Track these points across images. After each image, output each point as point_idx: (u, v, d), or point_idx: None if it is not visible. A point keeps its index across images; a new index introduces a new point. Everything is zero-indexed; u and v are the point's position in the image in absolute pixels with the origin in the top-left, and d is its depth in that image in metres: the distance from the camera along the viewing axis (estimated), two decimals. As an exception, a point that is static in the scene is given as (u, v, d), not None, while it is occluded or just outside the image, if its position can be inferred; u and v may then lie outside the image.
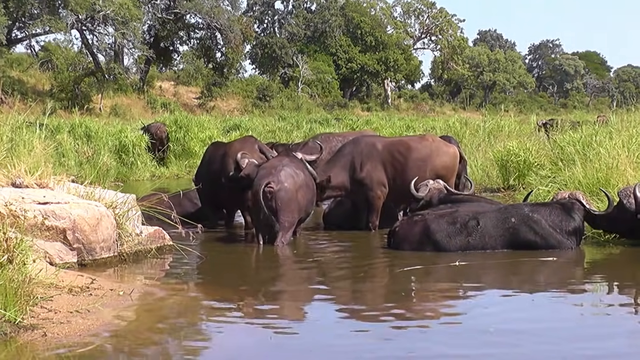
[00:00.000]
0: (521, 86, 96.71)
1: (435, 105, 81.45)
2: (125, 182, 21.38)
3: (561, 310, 7.35)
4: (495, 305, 7.59)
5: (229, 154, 12.61)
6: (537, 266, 9.42)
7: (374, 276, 9.31)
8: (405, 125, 37.68)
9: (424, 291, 8.32)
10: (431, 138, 13.18)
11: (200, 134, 27.66)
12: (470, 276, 8.89)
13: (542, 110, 73.58)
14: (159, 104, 51.96)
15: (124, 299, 7.45)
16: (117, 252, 9.39)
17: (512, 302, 7.76)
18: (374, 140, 13.05)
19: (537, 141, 19.19)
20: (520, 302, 7.73)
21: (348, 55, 76.15)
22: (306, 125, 37.34)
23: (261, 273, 9.71)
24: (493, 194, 16.55)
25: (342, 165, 12.67)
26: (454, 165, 12.96)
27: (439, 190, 11.69)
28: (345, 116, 48.20)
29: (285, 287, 8.79)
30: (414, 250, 10.26)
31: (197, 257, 9.82)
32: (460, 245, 10.15)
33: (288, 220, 10.96)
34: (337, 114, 53.70)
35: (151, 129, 26.89)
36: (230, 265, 9.97)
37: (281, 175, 10.99)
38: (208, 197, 13.11)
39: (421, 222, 10.48)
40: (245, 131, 31.86)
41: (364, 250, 11.11)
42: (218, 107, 57.50)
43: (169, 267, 9.57)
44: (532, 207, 10.39)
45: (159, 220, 10.43)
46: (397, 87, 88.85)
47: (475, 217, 10.26)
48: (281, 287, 8.76)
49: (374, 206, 12.64)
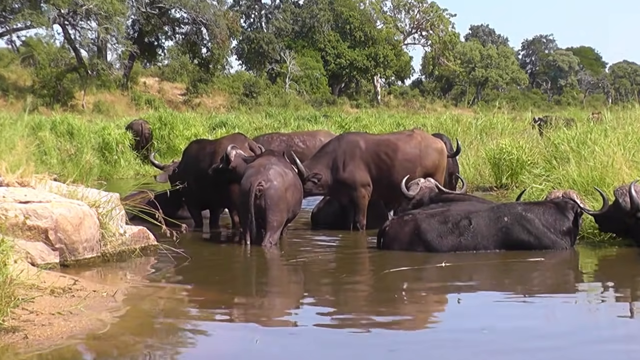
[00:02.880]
0: (514, 82, 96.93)
1: (426, 102, 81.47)
2: (108, 180, 21.23)
3: (554, 313, 7.34)
4: (483, 307, 7.60)
5: (218, 151, 12.55)
6: (529, 267, 9.38)
7: (361, 277, 9.31)
8: (396, 123, 37.66)
9: (412, 293, 8.31)
10: (420, 135, 12.96)
11: (186, 131, 27.56)
12: (460, 277, 8.92)
13: (536, 107, 73.61)
14: (143, 101, 51.86)
15: (108, 300, 7.42)
16: (100, 252, 9.35)
17: (502, 305, 7.73)
18: (358, 139, 12.81)
19: (530, 139, 19.24)
20: (511, 305, 7.70)
21: (337, 50, 76.14)
22: (294, 123, 37.27)
23: (248, 274, 9.67)
24: (485, 192, 16.53)
25: (325, 164, 12.57)
26: (443, 161, 12.93)
27: (430, 189, 11.67)
28: (334, 113, 48.19)
29: (272, 289, 8.77)
30: (404, 251, 10.24)
31: (182, 257, 9.79)
32: (452, 246, 10.15)
33: (277, 219, 10.92)
34: (326, 110, 53.64)
35: (134, 126, 26.84)
36: (216, 266, 9.90)
37: (270, 174, 10.95)
38: (193, 196, 13.07)
39: (412, 221, 10.45)
40: (232, 129, 31.78)
41: (353, 250, 11.07)
42: (204, 103, 57.41)
43: (154, 267, 9.54)
44: (526, 206, 10.39)
45: (142, 220, 10.42)
46: (387, 84, 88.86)
47: (467, 216, 10.26)
48: (268, 289, 8.73)
49: (360, 206, 12.54)
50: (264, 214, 10.84)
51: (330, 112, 50.92)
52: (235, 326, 6.94)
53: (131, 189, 14.41)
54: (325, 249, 11.21)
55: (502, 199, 15.11)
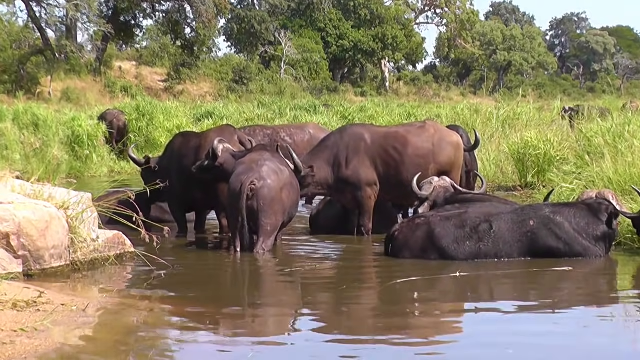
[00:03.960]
0: (541, 67, 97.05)
1: (440, 90, 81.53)
2: (79, 178, 21.25)
3: (587, 330, 7.33)
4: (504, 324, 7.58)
5: (204, 145, 12.56)
6: (558, 277, 9.34)
7: (366, 289, 9.28)
8: (406, 113, 37.57)
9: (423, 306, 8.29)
10: (433, 127, 12.95)
11: (167, 122, 27.55)
12: (479, 289, 8.91)
13: (566, 95, 73.63)
14: (119, 88, 51.86)
15: (78, 315, 7.37)
16: (69, 260, 9.32)
17: (525, 321, 7.69)
18: (363, 132, 12.79)
19: (559, 131, 19.24)
20: (537, 320, 7.66)
21: (339, 31, 76.13)
22: (290, 113, 37.21)
23: (238, 286, 9.68)
24: (508, 192, 16.57)
25: (326, 159, 12.56)
26: (459, 157, 12.94)
27: (444, 188, 11.66)
28: (335, 102, 48.14)
29: (265, 302, 8.70)
30: (415, 258, 10.28)
31: (163, 266, 9.76)
32: (470, 253, 10.16)
33: (271, 223, 10.91)
34: (327, 99, 53.60)
35: (107, 117, 26.81)
36: (202, 276, 9.91)
37: (263, 171, 10.93)
38: (177, 196, 13.06)
39: (424, 225, 10.46)
40: (220, 119, 31.78)
41: (357, 258, 11.13)
42: (187, 91, 57.42)
43: (131, 278, 9.54)
44: (554, 208, 10.38)
45: (118, 224, 10.41)
46: (396, 69, 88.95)
47: (487, 219, 10.25)
48: (260, 303, 8.68)
49: (365, 208, 12.56)
50: (256, 217, 10.83)
51: (331, 101, 50.87)
52: (223, 345, 6.89)
53: (105, 188, 14.42)
54: (326, 257, 11.16)
55: (527, 199, 15.13)
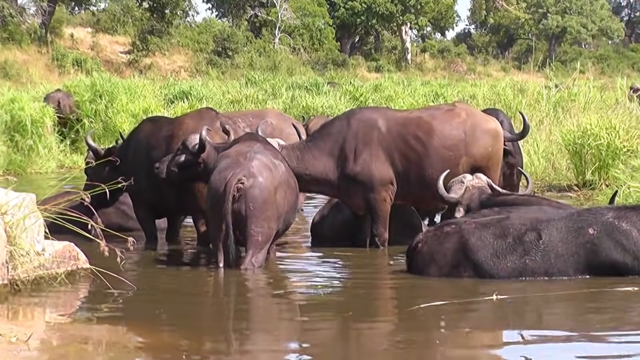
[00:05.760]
0: (604, 35, 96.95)
1: (476, 64, 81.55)
2: (20, 175, 21.33)
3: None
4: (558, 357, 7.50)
5: (177, 134, 12.60)
6: (625, 299, 9.26)
7: (379, 316, 9.23)
8: (432, 93, 37.58)
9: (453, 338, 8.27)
10: (465, 111, 12.83)
11: (131, 105, 27.61)
12: (525, 315, 8.89)
13: (635, 71, 73.73)
14: (70, 62, 51.82)
15: (18, 348, 7.33)
16: (7, 279, 9.29)
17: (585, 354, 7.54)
18: (376, 117, 12.73)
19: (627, 116, 19.22)
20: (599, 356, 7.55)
21: (348, -10, 76.32)
22: (286, 93, 37.25)
23: (221, 312, 9.54)
24: (561, 193, 16.60)
25: (328, 151, 12.58)
26: (498, 149, 12.82)
27: (480, 189, 11.61)
28: (343, 79, 48.10)
29: (253, 334, 8.61)
30: (444, 277, 10.24)
31: (127, 286, 9.72)
32: (513, 269, 10.06)
33: (262, 232, 10.87)
34: (332, 76, 53.60)
35: (49, 100, 26.83)
36: (175, 299, 9.78)
37: (253, 166, 10.89)
38: (144, 198, 13.07)
39: (455, 234, 10.40)
40: (198, 101, 31.82)
41: (369, 277, 11.07)
42: (157, 66, 57.47)
43: (85, 301, 9.54)
44: (619, 213, 10.25)
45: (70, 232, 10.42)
46: (420, 37, 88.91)
47: (534, 227, 10.15)
48: (248, 334, 8.57)
49: (379, 213, 12.54)
50: (244, 224, 10.81)
51: (338, 77, 50.87)
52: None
53: (54, 187, 14.43)
54: (330, 275, 11.23)
55: (586, 202, 15.13)
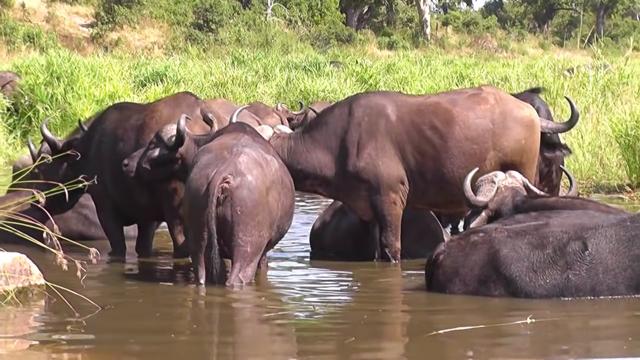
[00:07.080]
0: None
1: (509, 40, 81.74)
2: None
3: None
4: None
5: (150, 124, 12.59)
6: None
7: (391, 343, 9.13)
8: (457, 74, 37.69)
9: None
10: (493, 96, 12.61)
11: (95, 89, 27.69)
12: (565, 342, 8.76)
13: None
14: (21, 36, 51.98)
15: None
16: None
17: None
18: (384, 103, 12.57)
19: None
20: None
21: (356, -49, 76.62)
22: (281, 75, 37.34)
23: (202, 335, 9.41)
24: (611, 195, 16.64)
25: (324, 142, 12.54)
26: (534, 142, 12.60)
27: (513, 190, 11.47)
28: (349, 58, 48.13)
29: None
30: (471, 295, 10.18)
31: (89, 306, 9.68)
32: (554, 286, 9.92)
33: (252, 241, 10.84)
34: (336, 54, 53.78)
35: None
36: (148, 321, 9.72)
37: (241, 162, 10.80)
38: (110, 201, 13.05)
39: (484, 244, 10.26)
40: (174, 84, 31.89)
41: (378, 295, 11.04)
42: (125, 41, 57.81)
43: (39, 324, 9.46)
44: (681, 220, 10.27)
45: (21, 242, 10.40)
46: (441, 7, 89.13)
47: (579, 235, 10.00)
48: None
49: (387, 218, 12.44)
50: (230, 232, 10.80)
51: (343, 56, 50.99)
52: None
53: (1, 188, 14.45)
54: (331, 293, 11.25)
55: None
